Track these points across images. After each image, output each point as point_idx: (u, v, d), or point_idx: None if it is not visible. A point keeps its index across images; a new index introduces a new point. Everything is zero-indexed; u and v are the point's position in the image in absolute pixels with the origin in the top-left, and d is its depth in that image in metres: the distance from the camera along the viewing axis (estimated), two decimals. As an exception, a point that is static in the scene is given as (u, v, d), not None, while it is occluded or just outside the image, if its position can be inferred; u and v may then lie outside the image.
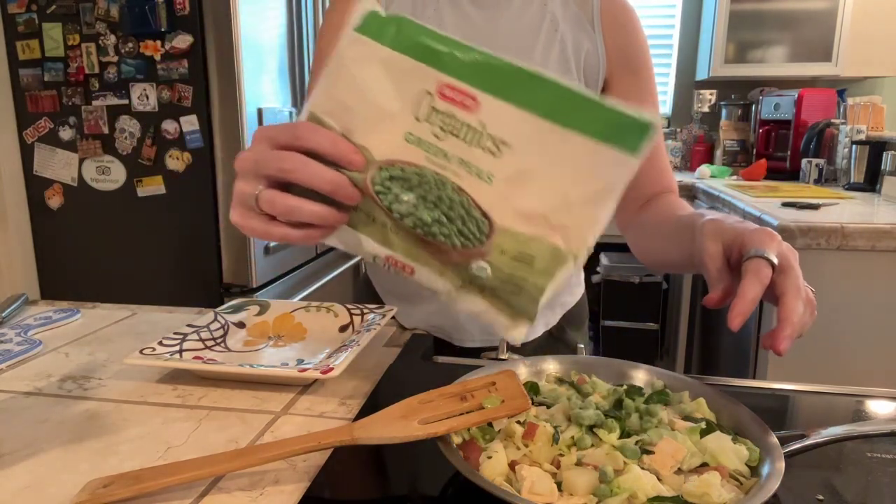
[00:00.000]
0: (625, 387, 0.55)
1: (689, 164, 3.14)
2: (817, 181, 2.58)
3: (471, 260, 0.46)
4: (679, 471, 0.44)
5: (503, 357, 0.78)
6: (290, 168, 0.45)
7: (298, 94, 2.09)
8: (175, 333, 0.69)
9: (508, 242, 0.45)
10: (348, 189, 0.45)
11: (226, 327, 0.74)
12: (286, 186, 0.46)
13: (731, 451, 0.44)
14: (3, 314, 0.83)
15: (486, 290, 0.47)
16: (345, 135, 0.46)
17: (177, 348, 0.66)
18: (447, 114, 0.44)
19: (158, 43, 1.81)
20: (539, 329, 0.91)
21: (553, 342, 0.93)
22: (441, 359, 0.77)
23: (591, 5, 0.82)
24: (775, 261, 0.48)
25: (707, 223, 0.55)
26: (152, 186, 1.93)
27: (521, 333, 0.48)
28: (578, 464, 0.44)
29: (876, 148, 2.34)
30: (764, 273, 0.48)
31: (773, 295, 0.49)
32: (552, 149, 0.43)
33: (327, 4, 2.37)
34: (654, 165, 0.86)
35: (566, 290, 0.94)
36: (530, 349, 0.90)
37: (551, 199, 0.44)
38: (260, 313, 0.78)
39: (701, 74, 3.00)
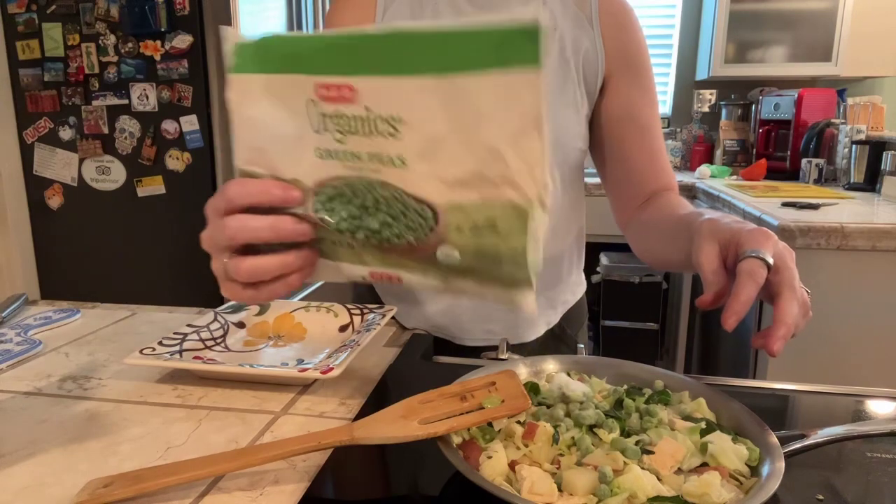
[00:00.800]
0: (625, 387, 0.55)
1: (689, 164, 3.14)
2: (817, 181, 2.58)
3: (434, 250, 0.44)
4: (679, 471, 0.44)
5: (503, 357, 0.78)
6: (232, 234, 0.45)
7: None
8: (175, 333, 0.69)
9: (459, 218, 0.42)
10: (291, 228, 0.45)
11: (226, 327, 0.74)
12: (253, 247, 0.46)
13: (731, 451, 0.44)
14: (3, 314, 0.83)
15: (468, 272, 0.45)
16: (274, 175, 0.45)
17: (177, 348, 0.66)
18: (336, 115, 0.42)
19: (158, 43, 1.81)
20: (541, 328, 0.91)
21: (554, 341, 0.93)
22: (441, 359, 0.77)
23: (590, 4, 0.83)
24: (771, 261, 0.48)
25: (704, 223, 0.55)
26: (152, 186, 1.93)
27: (528, 302, 0.45)
28: (578, 464, 0.44)
29: (876, 148, 2.34)
30: (759, 273, 0.48)
31: (768, 294, 0.49)
32: (448, 103, 0.39)
33: (327, 5, 2.37)
34: (653, 163, 0.86)
35: (568, 288, 0.94)
36: (531, 348, 0.90)
37: (475, 155, 0.40)
38: (260, 313, 0.78)
39: (701, 74, 3.00)
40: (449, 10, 0.83)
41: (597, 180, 2.70)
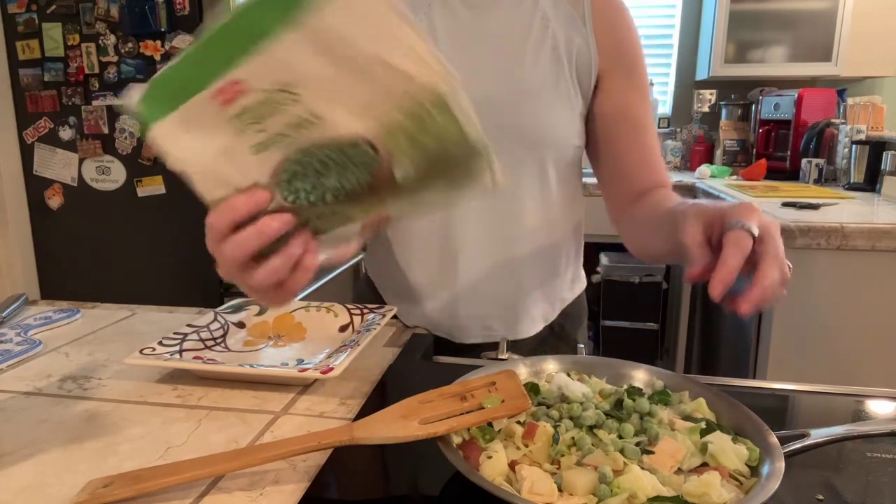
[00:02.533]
0: (625, 387, 0.55)
1: (688, 164, 3.14)
2: (817, 181, 2.58)
3: (392, 175, 0.45)
4: (679, 471, 0.44)
5: (503, 357, 0.78)
6: (231, 255, 0.47)
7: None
8: (175, 333, 0.69)
9: (392, 136, 0.43)
10: (274, 224, 0.46)
11: (226, 327, 0.74)
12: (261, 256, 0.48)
13: (731, 451, 0.44)
14: (3, 314, 0.83)
15: (432, 179, 0.45)
16: (237, 189, 0.46)
17: (177, 348, 0.66)
18: (242, 111, 0.43)
19: (158, 43, 1.82)
20: (539, 324, 0.91)
21: (553, 339, 0.93)
22: (441, 359, 0.77)
23: (583, 3, 0.83)
24: (756, 231, 0.50)
25: (689, 206, 0.57)
26: (152, 186, 1.93)
27: (496, 171, 0.45)
28: (578, 464, 0.44)
29: (876, 148, 2.34)
30: (744, 243, 0.49)
31: (752, 264, 0.50)
32: (316, 45, 0.41)
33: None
34: (646, 161, 0.87)
35: (566, 285, 0.94)
36: (530, 345, 0.90)
37: (367, 74, 0.41)
38: (260, 313, 0.78)
39: (701, 74, 3.00)
40: (441, 11, 0.83)
41: (594, 180, 2.70)
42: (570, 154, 0.85)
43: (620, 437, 0.47)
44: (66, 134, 1.98)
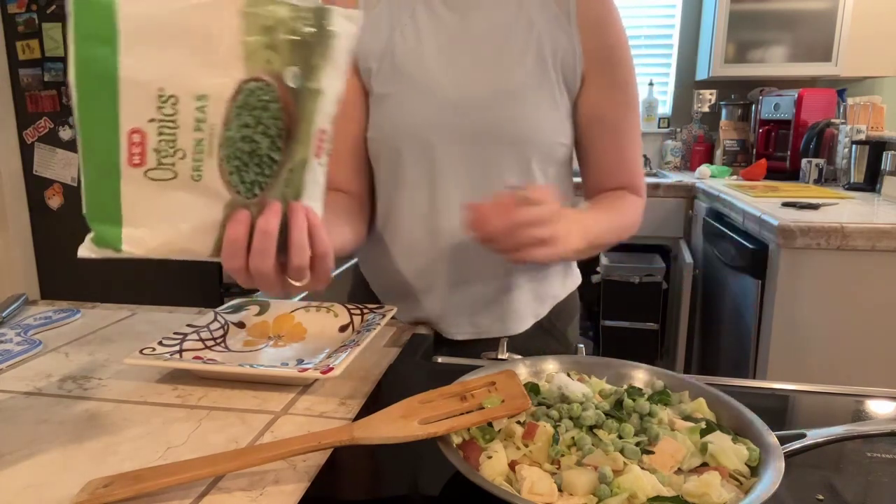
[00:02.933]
0: (625, 387, 0.55)
1: (689, 164, 3.14)
2: (817, 181, 2.58)
3: (291, 91, 0.46)
4: (679, 471, 0.44)
5: (503, 357, 0.78)
6: (260, 268, 0.50)
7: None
8: (175, 333, 0.69)
9: (252, 58, 0.44)
10: (269, 220, 0.49)
11: (226, 327, 0.74)
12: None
13: (731, 451, 0.44)
14: (3, 314, 0.83)
15: (313, 69, 0.47)
16: (216, 221, 0.48)
17: (177, 348, 0.66)
18: (156, 154, 0.44)
19: (158, 43, 1.81)
20: (529, 320, 0.91)
21: (543, 335, 0.93)
22: (441, 359, 0.77)
23: (569, 1, 0.82)
24: (530, 195, 0.59)
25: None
26: (152, 186, 1.92)
27: (353, 15, 0.48)
28: (578, 464, 0.44)
29: (876, 148, 2.34)
30: (508, 199, 0.60)
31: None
32: (142, 45, 0.43)
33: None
34: (618, 163, 0.87)
35: (557, 282, 0.94)
36: (519, 342, 0.90)
37: (196, 28, 0.43)
38: (260, 313, 0.78)
39: (701, 74, 3.00)
40: (425, 13, 0.84)
41: (597, 180, 2.71)
42: (557, 153, 0.85)
43: (620, 437, 0.47)
44: (66, 134, 1.98)
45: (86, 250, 0.46)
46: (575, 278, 0.99)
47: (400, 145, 0.84)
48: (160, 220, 0.46)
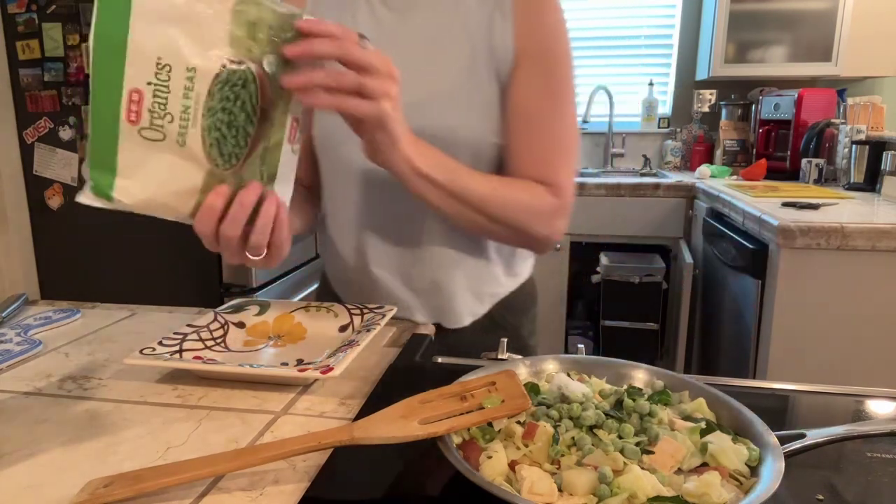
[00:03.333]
0: (625, 387, 0.55)
1: (689, 164, 3.14)
2: (817, 181, 2.58)
3: (269, 77, 0.53)
4: (679, 471, 0.44)
5: (503, 357, 0.78)
6: (229, 234, 0.55)
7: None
8: (175, 333, 0.69)
9: (236, 45, 0.51)
10: (248, 196, 0.54)
11: (226, 327, 0.74)
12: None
13: (731, 451, 0.44)
14: (3, 314, 0.83)
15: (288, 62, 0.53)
16: (196, 187, 0.54)
17: (177, 348, 0.66)
18: (149, 114, 0.51)
19: (158, 43, 1.81)
20: (465, 318, 0.91)
21: (492, 326, 0.93)
22: (441, 359, 0.77)
23: None
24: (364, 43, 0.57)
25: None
26: (152, 186, 1.92)
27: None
28: (578, 464, 0.44)
29: (876, 148, 2.34)
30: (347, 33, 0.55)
31: None
32: (148, 21, 0.50)
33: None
34: (527, 147, 0.83)
35: (493, 281, 0.93)
36: (463, 335, 0.91)
37: (195, 13, 0.50)
38: (260, 313, 0.78)
39: (701, 74, 3.00)
40: (366, 12, 0.85)
41: (594, 180, 2.71)
42: (487, 153, 0.84)
43: (620, 437, 0.47)
44: (66, 134, 1.98)
45: (84, 197, 0.53)
46: (519, 276, 0.98)
47: (337, 145, 0.85)
48: (148, 176, 0.53)
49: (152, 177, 0.53)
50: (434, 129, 0.80)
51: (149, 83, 0.50)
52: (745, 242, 1.85)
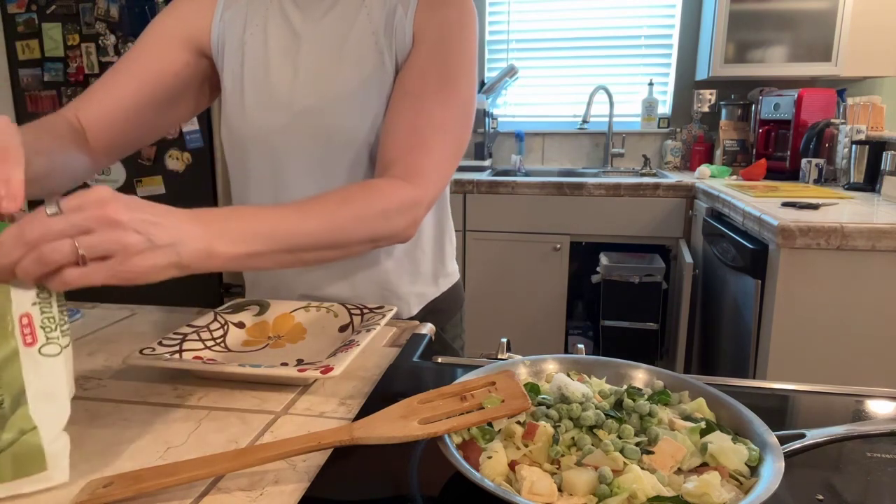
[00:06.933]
0: (625, 387, 0.55)
1: (688, 164, 3.14)
2: (817, 181, 2.58)
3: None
4: (679, 471, 0.44)
5: (503, 357, 0.78)
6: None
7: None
8: (175, 333, 0.69)
9: None
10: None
11: (226, 327, 0.74)
12: None
13: (731, 451, 0.44)
14: (3, 314, 0.83)
15: None
16: None
17: (177, 348, 0.66)
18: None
19: (158, 43, 1.81)
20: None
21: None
22: (441, 359, 0.77)
23: None
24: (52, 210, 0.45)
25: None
26: (152, 186, 1.92)
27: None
28: (578, 464, 0.44)
29: (876, 148, 2.34)
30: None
31: None
32: None
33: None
34: (395, 123, 0.79)
35: (423, 280, 0.93)
36: None
37: None
38: (260, 313, 0.78)
39: (701, 74, 3.00)
40: (277, 14, 0.84)
41: (596, 179, 2.71)
42: None
43: (620, 437, 0.47)
44: (65, 134, 1.98)
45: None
46: (448, 276, 0.98)
47: (245, 144, 0.86)
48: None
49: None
50: (339, 132, 0.81)
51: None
52: (744, 242, 1.85)
